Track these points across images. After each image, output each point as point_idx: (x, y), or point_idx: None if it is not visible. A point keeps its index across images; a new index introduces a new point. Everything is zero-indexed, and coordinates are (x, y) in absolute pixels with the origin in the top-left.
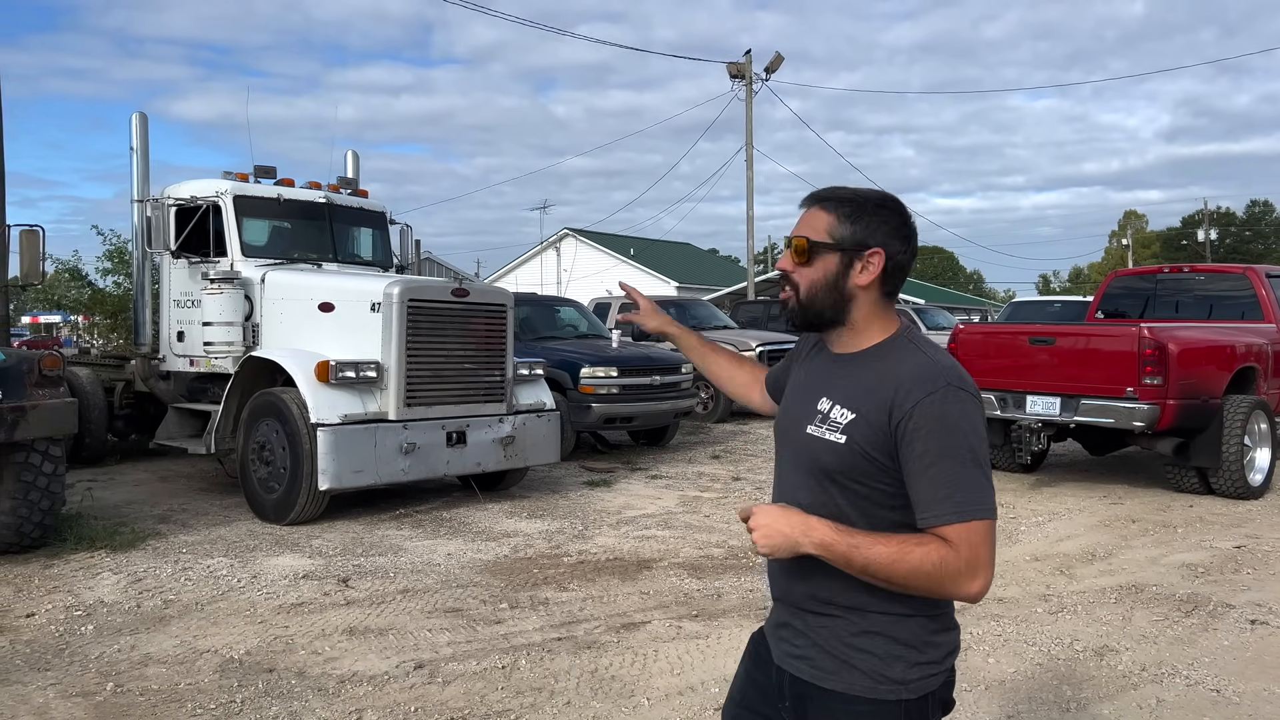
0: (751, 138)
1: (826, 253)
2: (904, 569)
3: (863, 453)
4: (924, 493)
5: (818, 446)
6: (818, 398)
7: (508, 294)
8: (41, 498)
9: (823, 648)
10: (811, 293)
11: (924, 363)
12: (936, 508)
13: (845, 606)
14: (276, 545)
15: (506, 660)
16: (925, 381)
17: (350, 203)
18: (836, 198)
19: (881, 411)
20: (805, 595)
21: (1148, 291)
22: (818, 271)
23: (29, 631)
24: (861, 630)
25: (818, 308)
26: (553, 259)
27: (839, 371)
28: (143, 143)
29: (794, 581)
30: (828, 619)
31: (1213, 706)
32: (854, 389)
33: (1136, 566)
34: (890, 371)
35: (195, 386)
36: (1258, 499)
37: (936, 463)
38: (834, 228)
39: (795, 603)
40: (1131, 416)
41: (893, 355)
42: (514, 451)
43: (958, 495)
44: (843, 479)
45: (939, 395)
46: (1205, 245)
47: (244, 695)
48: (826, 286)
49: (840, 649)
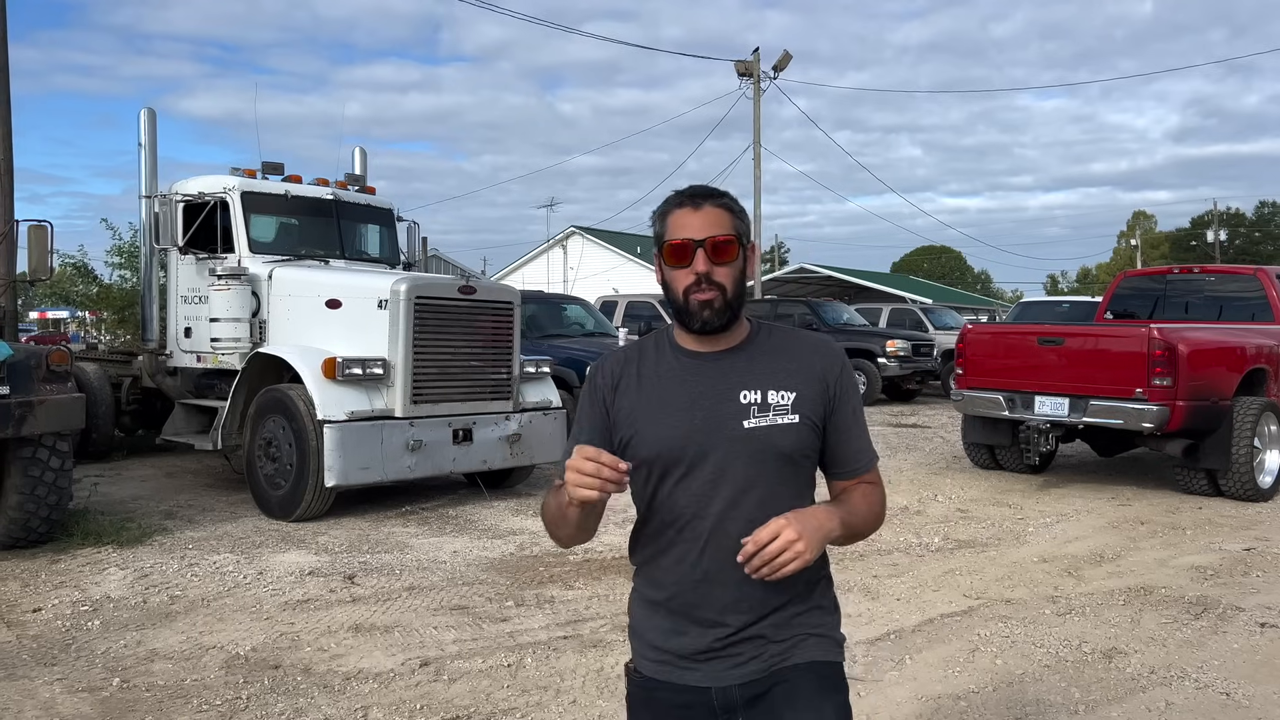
0: (759, 136)
1: (739, 248)
2: (873, 516)
3: (812, 424)
4: (856, 443)
5: (772, 434)
6: (733, 394)
7: (514, 292)
8: (49, 493)
9: (775, 640)
10: (735, 288)
11: (812, 334)
12: (867, 455)
13: (793, 594)
14: (283, 542)
15: (512, 658)
16: (833, 349)
17: (357, 200)
18: (723, 194)
19: (816, 382)
20: (762, 598)
21: (1157, 292)
22: (736, 268)
23: (36, 626)
24: (810, 608)
25: (738, 303)
26: (559, 257)
27: (734, 364)
28: (151, 139)
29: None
30: (780, 612)
31: (1222, 710)
32: (773, 372)
33: (1145, 568)
34: (797, 347)
35: (202, 382)
36: (1267, 501)
37: (859, 417)
38: (736, 224)
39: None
40: (1141, 418)
41: (779, 335)
42: (520, 449)
43: (870, 441)
44: (800, 457)
45: (844, 359)
46: (1214, 246)
47: (249, 692)
48: (741, 281)
49: (796, 630)
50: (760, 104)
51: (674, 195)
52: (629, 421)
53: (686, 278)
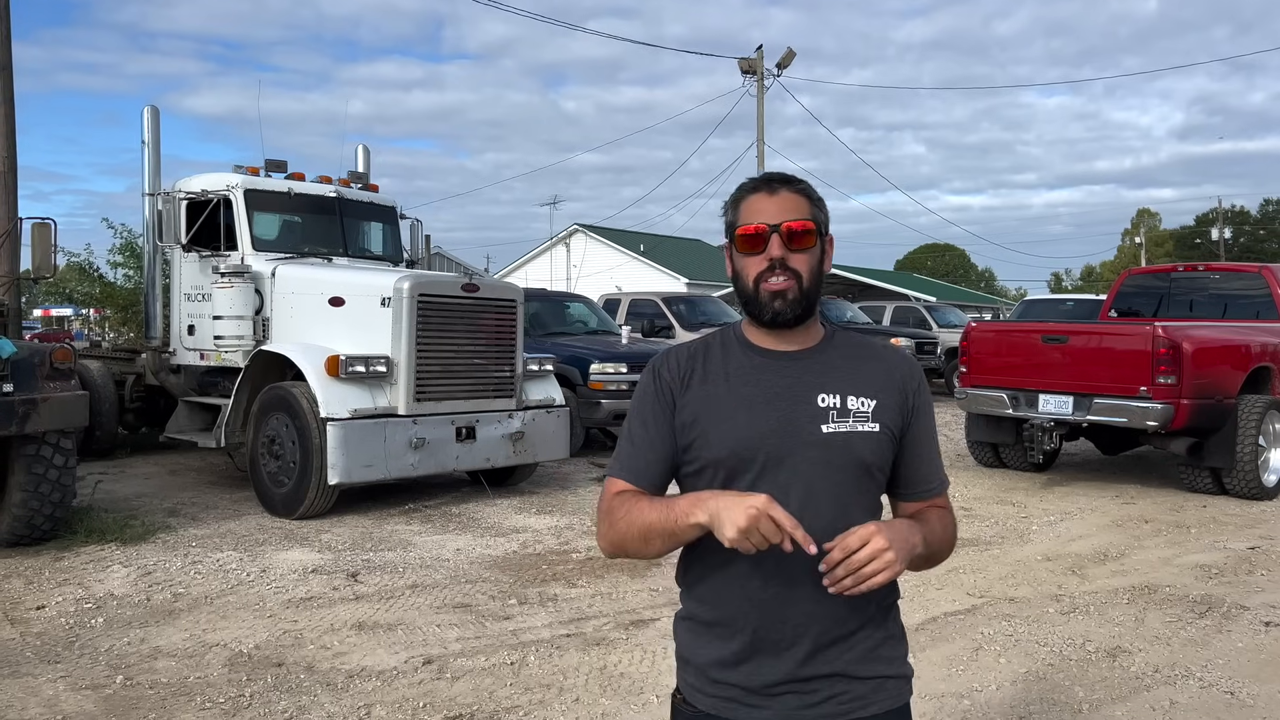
0: (763, 133)
1: (817, 237)
2: (948, 542)
3: (890, 437)
4: (930, 464)
5: (854, 441)
6: (811, 396)
7: (518, 289)
8: (52, 490)
9: (856, 677)
10: (813, 279)
11: (887, 343)
12: (940, 477)
13: (868, 616)
14: (286, 539)
15: (515, 656)
16: (912, 362)
17: (360, 197)
18: (800, 181)
19: (896, 392)
20: (840, 618)
21: (1161, 290)
22: (814, 257)
23: (39, 624)
24: (885, 637)
25: (814, 295)
26: (562, 255)
27: (810, 366)
28: (154, 136)
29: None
30: (856, 636)
31: (1226, 709)
32: (853, 378)
33: (1149, 567)
34: (876, 354)
35: (205, 380)
36: (1272, 500)
37: (934, 436)
38: (814, 212)
39: (822, 634)
40: (1145, 416)
41: (856, 340)
42: (523, 447)
43: (943, 466)
44: (876, 470)
45: (921, 374)
46: (1219, 244)
47: (253, 689)
48: (818, 273)
49: (876, 668)
50: (764, 101)
51: (748, 181)
52: (695, 421)
53: (758, 265)
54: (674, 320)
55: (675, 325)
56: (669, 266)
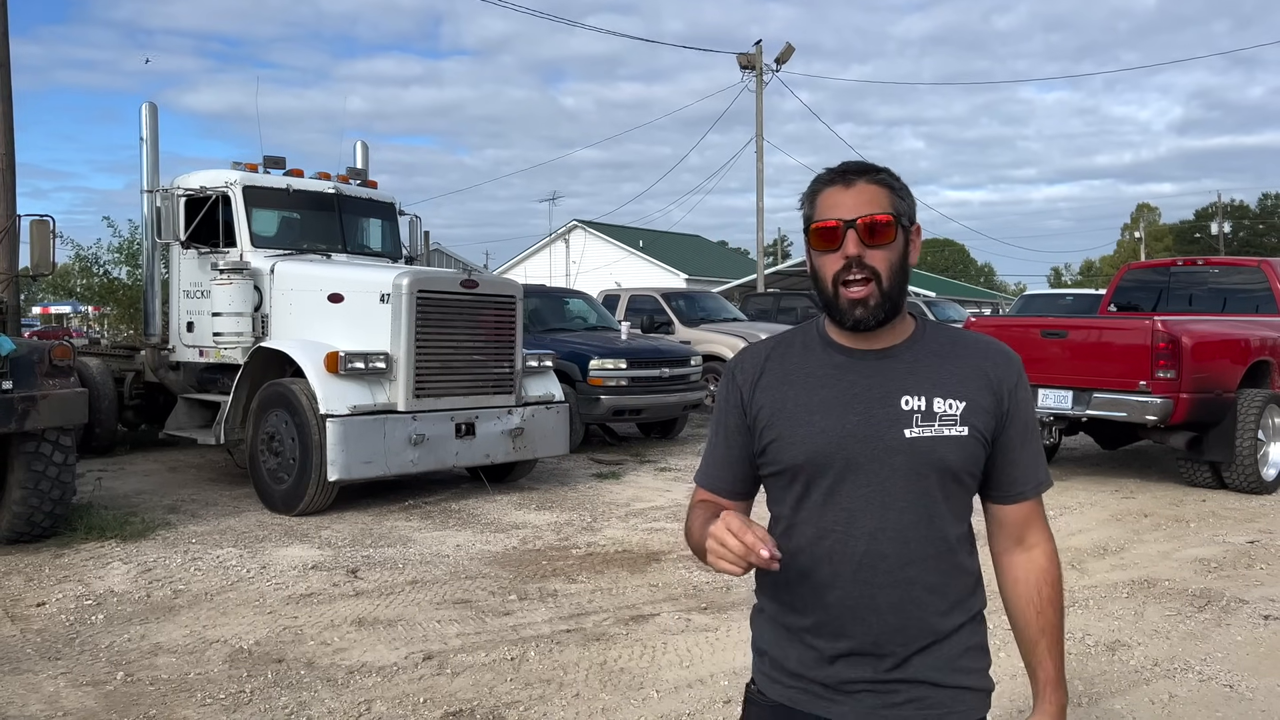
0: (762, 129)
1: (897, 229)
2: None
3: (981, 439)
4: (1027, 466)
5: (939, 446)
6: (893, 399)
7: (517, 286)
8: (52, 487)
9: (939, 685)
10: (892, 276)
11: (987, 338)
12: (1037, 476)
13: (956, 629)
14: (286, 536)
15: (515, 652)
16: (1009, 356)
17: (359, 193)
18: (879, 170)
19: (988, 392)
20: (929, 626)
21: (1161, 284)
22: (894, 251)
23: (40, 620)
24: (966, 647)
25: (898, 294)
26: (562, 251)
27: (893, 366)
28: (152, 133)
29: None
30: (944, 644)
31: (1225, 702)
32: (940, 378)
33: (1149, 561)
34: (966, 351)
35: (205, 377)
36: (1271, 494)
37: (1031, 435)
38: (894, 202)
39: (909, 641)
40: (1144, 410)
41: (947, 337)
42: (523, 443)
43: (1044, 465)
44: (965, 475)
45: (1020, 368)
46: (1219, 238)
47: (253, 685)
48: (901, 269)
49: (959, 679)
50: (763, 97)
51: (824, 172)
52: (771, 423)
53: (835, 263)
54: (673, 316)
55: (675, 321)
56: (668, 262)
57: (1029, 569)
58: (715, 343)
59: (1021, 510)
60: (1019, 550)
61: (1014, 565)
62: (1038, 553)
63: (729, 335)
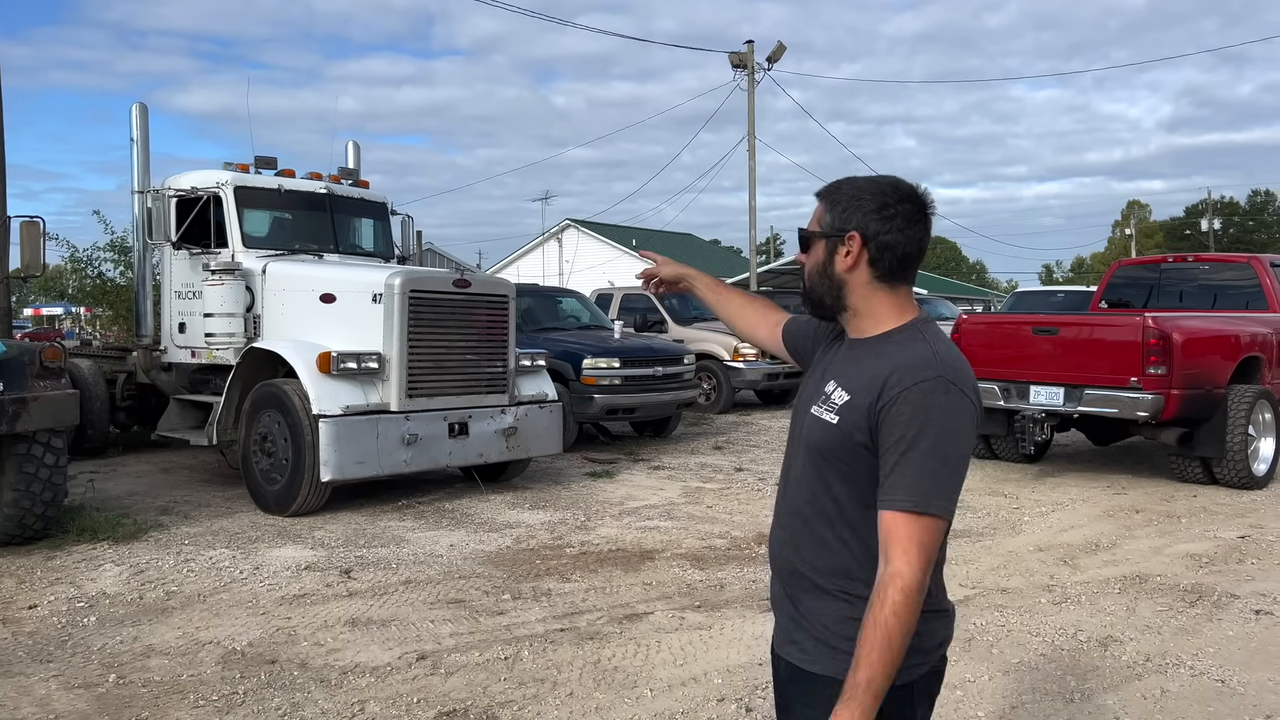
0: (754, 128)
1: (815, 240)
2: (899, 636)
3: (848, 434)
4: (890, 476)
5: (814, 426)
6: (827, 380)
7: (510, 285)
8: (43, 489)
9: (809, 631)
10: (810, 280)
11: (923, 351)
12: (897, 492)
13: (836, 589)
14: (279, 536)
15: (509, 651)
16: (918, 370)
17: (351, 193)
18: (829, 189)
19: (870, 394)
20: (800, 572)
21: (1151, 281)
22: (813, 260)
23: (31, 623)
24: (848, 616)
25: (816, 294)
26: (554, 250)
27: (848, 357)
28: (143, 134)
29: (788, 552)
30: (818, 600)
31: (1218, 697)
32: (855, 372)
33: (1140, 557)
34: (889, 357)
35: (197, 378)
36: (1262, 489)
37: (910, 450)
38: (821, 215)
39: (790, 582)
40: (1135, 406)
41: (895, 342)
42: (516, 443)
43: (921, 485)
44: (831, 458)
45: (928, 385)
46: (1209, 235)
47: (246, 686)
48: (818, 273)
49: (826, 634)
50: (754, 96)
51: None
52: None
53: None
54: (666, 315)
55: (668, 320)
56: None
57: (875, 584)
58: (708, 341)
59: (883, 520)
60: (881, 564)
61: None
62: (886, 570)
63: (722, 334)
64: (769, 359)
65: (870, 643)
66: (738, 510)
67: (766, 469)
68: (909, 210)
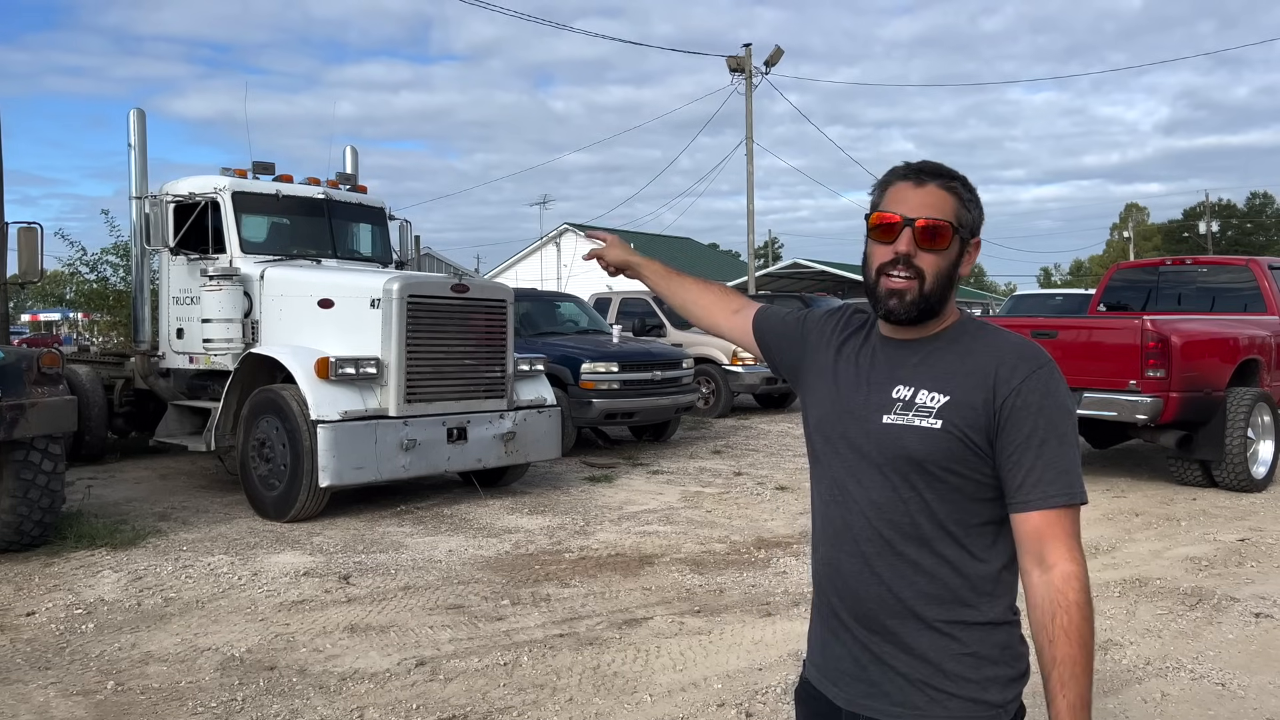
0: (751, 131)
1: (954, 238)
2: (1092, 640)
3: (960, 435)
4: (1032, 473)
5: (905, 435)
6: (889, 386)
7: (508, 290)
8: (41, 496)
9: (909, 678)
10: (937, 282)
11: (1018, 340)
12: (1046, 488)
13: (941, 622)
14: (277, 542)
15: (508, 657)
16: (1030, 358)
17: (349, 199)
18: (953, 176)
19: (980, 390)
20: (890, 608)
21: (1150, 284)
22: (945, 259)
23: (29, 630)
24: (960, 653)
25: (937, 298)
26: (553, 254)
27: (908, 357)
28: (140, 139)
29: (872, 589)
30: (918, 636)
31: (1218, 700)
32: (938, 371)
33: (1140, 560)
34: (982, 350)
35: (195, 384)
36: (1261, 492)
37: (1047, 441)
38: (959, 212)
39: (873, 622)
40: (1134, 409)
41: (973, 334)
42: (515, 447)
43: (1066, 477)
44: (935, 468)
45: (1045, 372)
46: (1207, 237)
47: (245, 693)
48: (948, 276)
49: (935, 677)
50: (752, 99)
51: (900, 166)
52: (813, 379)
53: (885, 254)
54: (665, 319)
55: (666, 324)
56: None
57: (1044, 593)
58: (707, 345)
59: (1031, 521)
60: (1038, 571)
61: (1031, 588)
62: (1055, 574)
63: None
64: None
65: (1070, 658)
66: (737, 515)
67: (765, 473)
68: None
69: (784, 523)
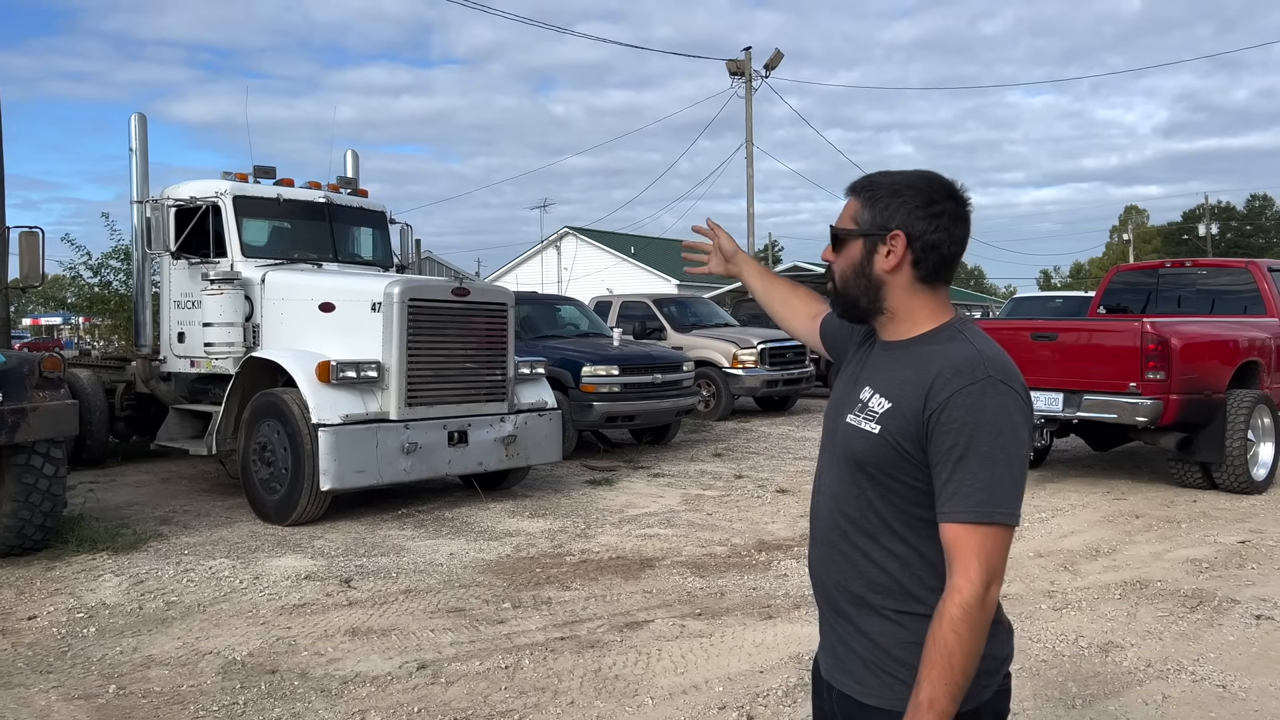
0: (751, 135)
1: (852, 239)
2: (961, 655)
3: (894, 443)
4: (947, 487)
5: (853, 436)
6: (861, 387)
7: (508, 293)
8: (43, 500)
9: (863, 658)
10: (843, 281)
11: (967, 352)
12: (960, 502)
13: (888, 610)
14: (278, 546)
15: (510, 660)
16: (965, 371)
17: (350, 202)
18: (864, 184)
19: (916, 400)
20: (845, 591)
21: (1149, 286)
22: (846, 259)
23: (31, 634)
24: (905, 641)
25: (851, 296)
26: (553, 258)
27: (884, 361)
28: (142, 144)
29: (827, 571)
30: (868, 621)
31: (1219, 702)
32: (893, 377)
33: (1141, 562)
34: (931, 359)
35: (196, 387)
36: (1261, 494)
37: (965, 457)
38: (858, 213)
39: (834, 603)
40: (1134, 412)
41: (937, 344)
42: (516, 451)
43: (980, 494)
44: (873, 470)
45: (978, 387)
46: (1206, 239)
47: (246, 697)
48: (854, 274)
49: (883, 660)
50: (752, 103)
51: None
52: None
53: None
54: (665, 322)
55: (666, 327)
56: (659, 268)
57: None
58: (707, 348)
59: (945, 533)
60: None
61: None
62: (950, 585)
63: (721, 340)
64: (767, 366)
65: (930, 660)
66: (738, 517)
67: (766, 475)
68: (953, 209)
69: (784, 525)
